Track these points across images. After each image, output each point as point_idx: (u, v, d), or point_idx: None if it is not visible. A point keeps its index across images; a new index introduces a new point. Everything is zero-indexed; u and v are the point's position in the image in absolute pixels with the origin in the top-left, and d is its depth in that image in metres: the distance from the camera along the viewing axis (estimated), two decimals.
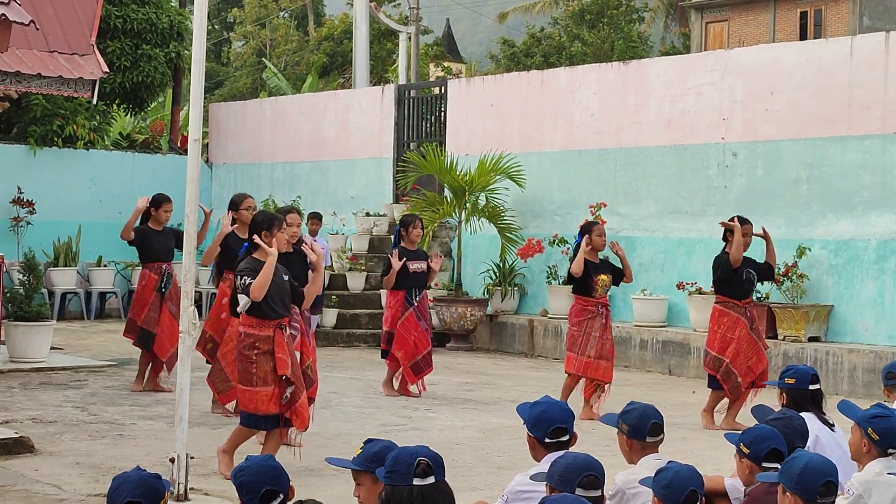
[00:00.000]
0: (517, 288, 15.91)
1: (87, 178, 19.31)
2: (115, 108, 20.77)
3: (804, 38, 31.77)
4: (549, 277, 15.42)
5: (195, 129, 6.91)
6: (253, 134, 20.93)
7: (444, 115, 17.84)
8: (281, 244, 7.46)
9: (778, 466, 4.32)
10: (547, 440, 4.79)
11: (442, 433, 9.30)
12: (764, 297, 13.08)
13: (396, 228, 11.56)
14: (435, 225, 16.04)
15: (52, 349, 12.83)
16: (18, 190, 18.11)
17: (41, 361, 12.32)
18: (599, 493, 4.16)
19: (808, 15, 33.50)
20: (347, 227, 18.41)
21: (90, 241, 18.58)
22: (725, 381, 9.79)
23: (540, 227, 15.97)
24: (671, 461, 4.46)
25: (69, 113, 18.72)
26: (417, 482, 3.77)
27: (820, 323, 12.83)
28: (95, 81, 12.52)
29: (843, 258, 12.97)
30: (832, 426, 5.91)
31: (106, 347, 14.67)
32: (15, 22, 9.02)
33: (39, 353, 12.38)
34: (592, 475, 4.13)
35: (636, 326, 14.17)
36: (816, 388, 6.03)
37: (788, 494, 4.08)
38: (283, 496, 3.92)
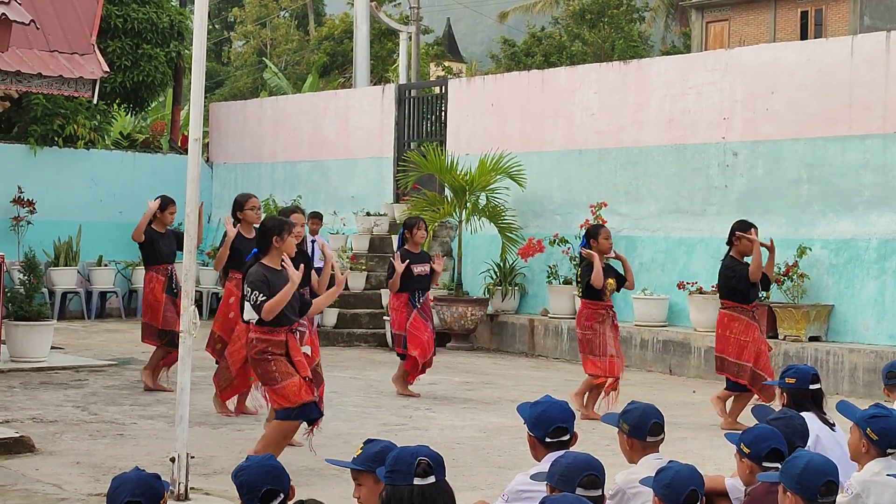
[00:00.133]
0: (518, 287, 15.91)
1: (87, 177, 19.31)
2: (115, 107, 20.77)
3: (805, 37, 31.77)
4: (549, 277, 15.41)
5: (196, 128, 6.91)
6: (253, 133, 20.93)
7: (444, 114, 17.83)
8: (291, 249, 7.46)
9: (778, 466, 4.32)
10: (547, 440, 4.79)
11: (442, 433, 9.30)
12: (764, 296, 13.08)
13: (400, 231, 11.55)
14: (435, 224, 16.04)
15: (52, 349, 12.82)
16: (19, 189, 18.11)
17: (42, 361, 12.32)
18: (600, 492, 4.16)
19: (808, 14, 33.50)
20: (348, 226, 18.41)
21: (90, 240, 18.58)
22: (753, 384, 9.77)
23: (540, 226, 15.97)
24: (672, 461, 4.46)
25: (70, 112, 18.72)
26: (418, 482, 3.77)
27: (820, 322, 12.82)
28: (96, 81, 12.52)
29: (843, 258, 12.96)
30: (833, 426, 5.91)
31: (106, 347, 14.68)
32: (15, 21, 9.02)
33: (40, 352, 12.38)
34: (593, 475, 4.13)
35: (637, 326, 14.17)
36: (817, 387, 6.03)
37: (789, 494, 4.08)
38: (283, 496, 3.92)
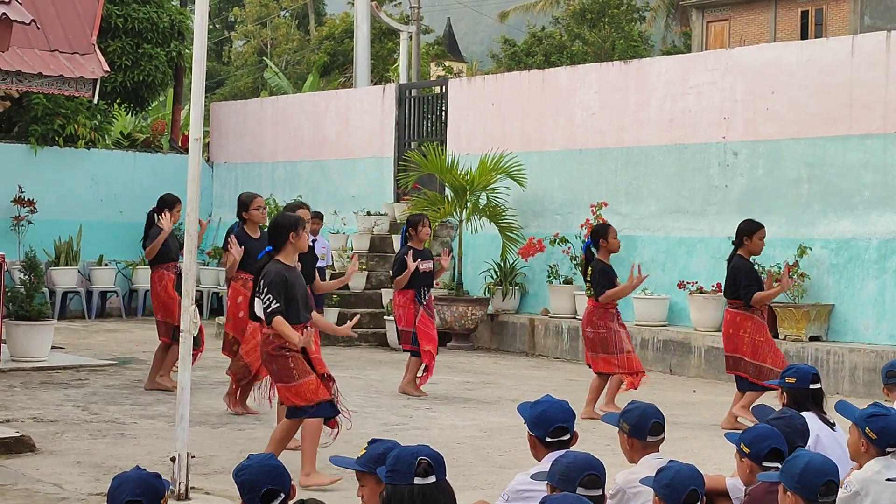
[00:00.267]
0: (518, 287, 15.91)
1: (87, 177, 19.32)
2: (116, 107, 20.77)
3: (805, 37, 31.76)
4: (550, 277, 15.42)
5: (196, 128, 6.91)
6: (254, 133, 20.94)
7: (445, 114, 17.83)
8: (305, 245, 7.47)
9: (778, 466, 4.32)
10: (548, 439, 4.80)
11: (443, 432, 9.30)
12: None
13: (403, 229, 11.51)
14: (436, 224, 16.04)
15: (53, 348, 12.83)
16: (19, 189, 18.12)
17: (42, 360, 12.33)
18: (600, 492, 4.16)
19: (808, 14, 33.49)
20: (348, 226, 18.41)
21: (91, 240, 18.59)
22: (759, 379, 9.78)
23: (541, 226, 15.97)
24: (672, 460, 4.47)
25: (70, 112, 18.72)
26: (418, 481, 3.78)
27: (821, 322, 12.83)
28: (96, 80, 12.52)
29: (843, 257, 12.96)
30: (833, 425, 5.91)
31: (107, 346, 14.68)
32: (16, 21, 9.02)
33: (40, 352, 12.38)
34: (593, 474, 4.13)
35: (637, 325, 14.16)
36: (817, 387, 6.03)
37: (789, 494, 4.08)
38: (284, 495, 3.92)
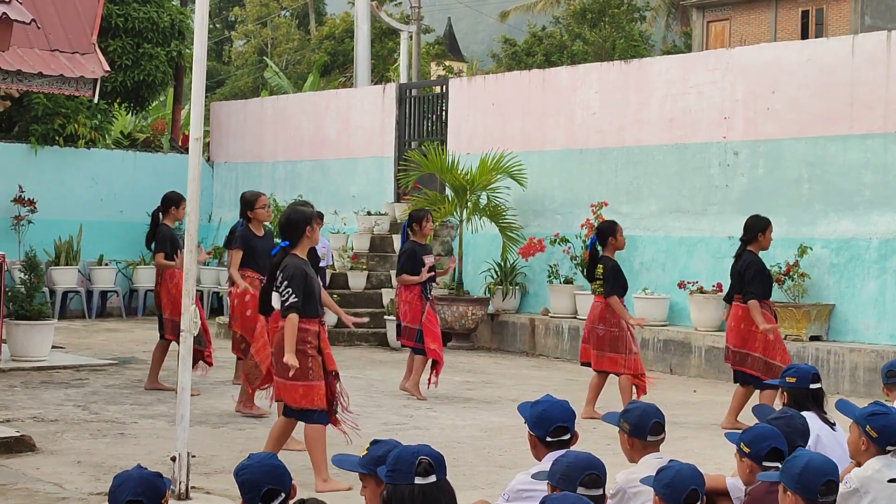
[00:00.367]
0: (518, 287, 15.91)
1: (88, 176, 19.32)
2: (116, 106, 20.77)
3: (805, 37, 31.77)
4: (550, 277, 15.41)
5: (196, 127, 6.91)
6: (254, 133, 20.94)
7: (445, 114, 17.83)
8: (317, 238, 7.51)
9: (779, 466, 4.32)
10: (548, 439, 4.80)
11: (443, 432, 9.30)
12: None
13: (405, 224, 11.46)
14: (436, 224, 16.03)
15: (53, 348, 12.83)
16: (20, 189, 18.12)
17: (42, 360, 12.33)
18: (601, 491, 4.16)
19: (809, 14, 33.49)
20: (349, 225, 18.41)
21: (91, 239, 18.59)
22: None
23: (541, 226, 15.97)
24: (672, 460, 4.46)
25: (70, 112, 18.72)
26: (419, 481, 3.77)
27: (821, 322, 12.82)
28: (97, 80, 12.52)
29: (844, 257, 12.96)
30: (833, 425, 5.91)
31: (107, 346, 14.68)
32: (16, 21, 9.02)
33: (41, 351, 12.38)
34: (594, 474, 4.13)
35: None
36: (817, 387, 6.03)
37: (789, 493, 4.08)
38: (284, 495, 3.92)
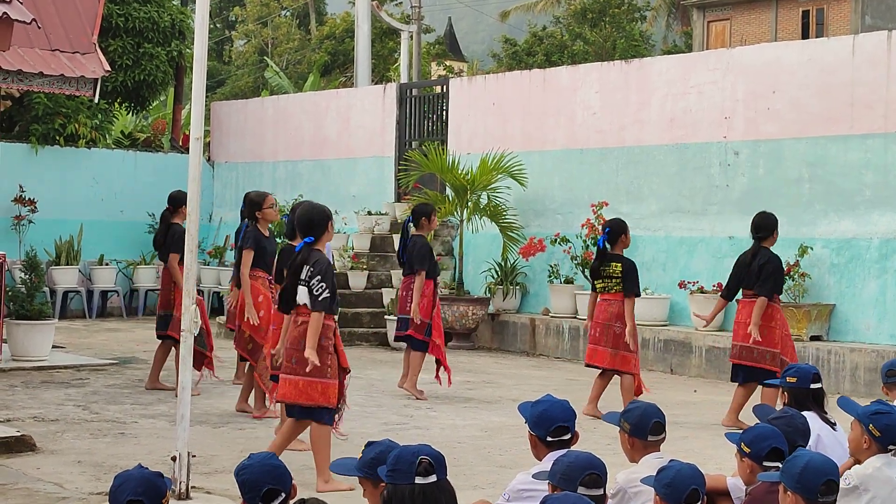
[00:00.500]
0: (519, 287, 15.91)
1: (88, 176, 19.32)
2: (116, 106, 20.78)
3: (806, 36, 31.77)
4: (550, 276, 15.41)
5: (197, 127, 6.91)
6: (255, 132, 20.94)
7: (445, 113, 17.83)
8: (331, 235, 7.52)
9: (779, 466, 4.32)
10: (549, 439, 4.79)
11: (443, 432, 9.30)
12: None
13: (408, 219, 11.40)
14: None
15: (53, 347, 12.83)
16: (20, 188, 18.11)
17: (43, 360, 12.33)
18: (601, 491, 4.16)
19: (810, 14, 33.50)
20: (349, 225, 18.41)
21: (92, 239, 18.59)
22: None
23: (542, 225, 15.97)
24: (673, 460, 4.46)
25: (71, 111, 18.72)
26: (419, 481, 3.77)
27: (822, 322, 12.82)
28: (97, 80, 12.53)
29: (845, 257, 12.96)
30: (834, 425, 5.91)
31: (108, 346, 14.68)
32: (17, 20, 9.03)
33: (41, 351, 12.38)
34: (594, 474, 4.13)
35: (638, 325, 14.10)
36: (818, 386, 6.03)
37: (789, 493, 4.08)
38: (284, 495, 3.92)
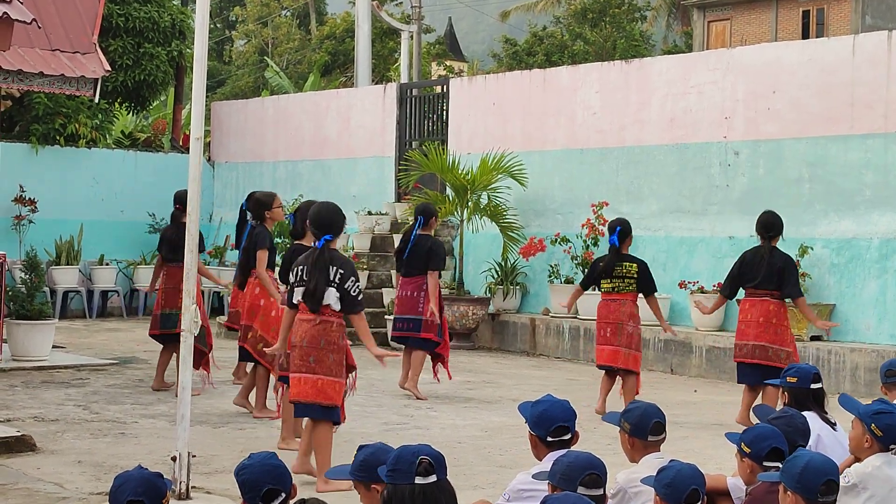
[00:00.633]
0: (519, 287, 15.91)
1: (89, 176, 19.32)
2: (117, 106, 20.78)
3: (806, 36, 31.77)
4: (551, 276, 15.41)
5: (197, 127, 6.91)
6: (255, 132, 20.94)
7: (446, 113, 17.83)
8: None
9: (779, 466, 4.32)
10: (549, 439, 4.79)
11: (444, 432, 9.30)
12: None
13: (421, 218, 11.41)
14: (433, 220, 16.00)
15: (53, 347, 12.83)
16: (20, 188, 18.11)
17: (43, 360, 12.33)
18: (601, 491, 4.16)
19: (810, 14, 33.49)
20: (349, 225, 18.38)
21: (92, 239, 18.59)
22: None
23: (542, 225, 15.97)
24: (673, 460, 4.46)
25: (71, 111, 18.72)
26: (419, 481, 3.77)
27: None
28: (97, 80, 12.53)
29: (845, 257, 12.96)
30: (834, 425, 5.91)
31: (108, 346, 14.69)
32: (17, 20, 9.02)
33: (41, 351, 12.38)
34: (594, 474, 4.13)
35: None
36: (818, 386, 6.03)
37: (789, 493, 4.08)
38: (285, 495, 3.92)
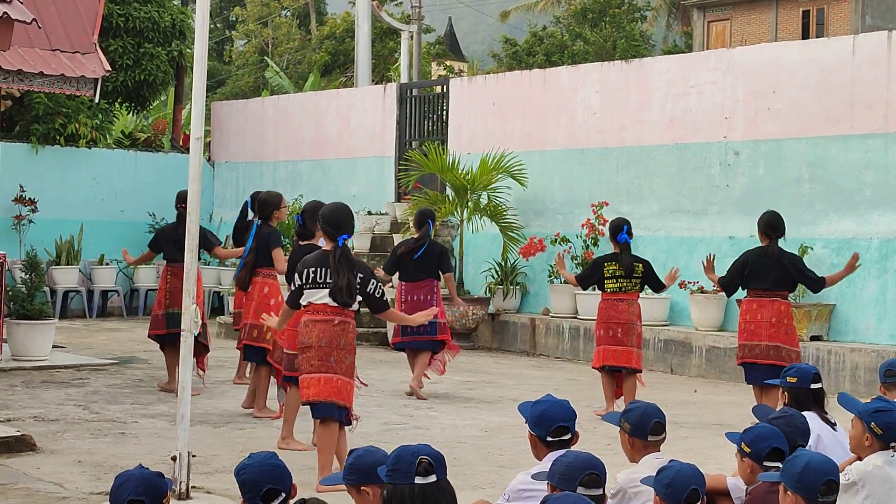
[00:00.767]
0: (519, 287, 15.91)
1: (89, 176, 19.32)
2: (117, 106, 20.77)
3: (806, 36, 31.77)
4: (551, 276, 15.41)
5: (197, 127, 6.91)
6: (255, 132, 20.94)
7: (446, 113, 17.83)
8: None
9: (779, 465, 4.32)
10: (549, 439, 4.79)
11: (444, 432, 9.30)
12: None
13: (430, 223, 11.44)
14: (437, 224, 16.03)
15: (54, 347, 12.83)
16: (21, 188, 18.11)
17: (43, 360, 12.33)
18: (601, 491, 4.16)
19: (810, 14, 33.49)
20: None
21: (92, 239, 18.59)
22: None
23: (542, 225, 15.97)
24: (673, 460, 4.47)
25: (71, 111, 18.72)
26: (419, 481, 3.77)
27: (822, 322, 12.83)
28: (97, 80, 12.52)
29: (845, 257, 12.90)
30: (834, 425, 5.92)
31: (108, 346, 14.69)
32: (17, 20, 9.02)
33: (41, 351, 12.38)
34: (594, 474, 4.13)
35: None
36: (818, 386, 6.03)
37: (790, 493, 4.08)
38: (285, 495, 3.92)
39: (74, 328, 16.69)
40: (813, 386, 5.99)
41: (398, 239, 16.64)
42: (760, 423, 4.97)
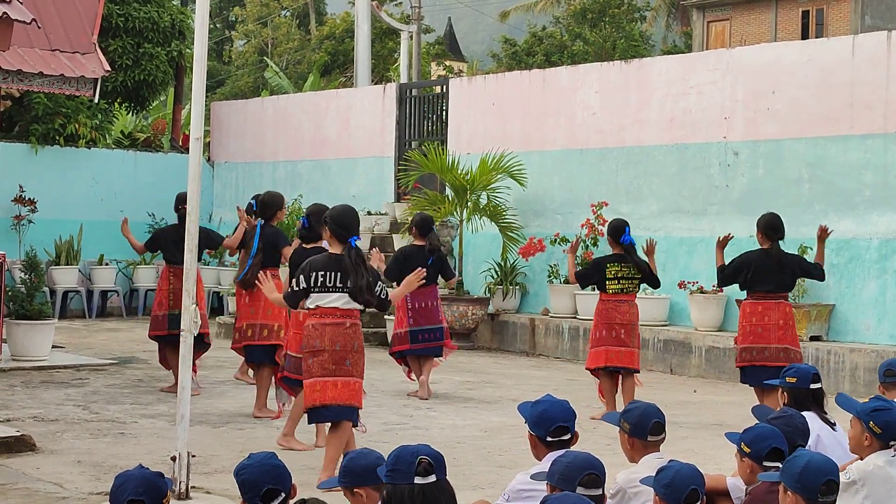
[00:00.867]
0: (518, 287, 15.91)
1: (88, 176, 19.32)
2: (116, 106, 20.78)
3: (806, 37, 31.77)
4: (550, 276, 15.41)
5: (197, 127, 6.91)
6: (255, 132, 20.94)
7: (445, 113, 17.84)
8: None
9: (779, 465, 4.32)
10: (548, 439, 4.80)
11: (443, 432, 9.30)
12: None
13: (432, 227, 11.46)
14: (437, 224, 16.03)
15: (53, 347, 12.83)
16: (20, 188, 18.11)
17: (43, 360, 12.33)
18: (600, 491, 4.16)
19: (809, 14, 33.49)
20: None
21: (92, 239, 18.59)
22: None
23: (541, 225, 15.98)
24: (672, 460, 4.47)
25: (71, 111, 18.72)
26: (419, 481, 3.78)
27: (821, 322, 12.83)
28: (97, 80, 12.53)
29: (844, 257, 12.96)
30: (833, 425, 5.92)
31: (107, 346, 14.69)
32: (17, 20, 9.03)
33: (41, 351, 12.38)
34: (593, 474, 4.14)
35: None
36: (818, 386, 6.03)
37: (789, 493, 4.08)
38: (284, 495, 3.92)
39: (74, 328, 16.69)
40: (812, 386, 5.99)
41: (398, 239, 16.66)
42: (760, 423, 4.98)
